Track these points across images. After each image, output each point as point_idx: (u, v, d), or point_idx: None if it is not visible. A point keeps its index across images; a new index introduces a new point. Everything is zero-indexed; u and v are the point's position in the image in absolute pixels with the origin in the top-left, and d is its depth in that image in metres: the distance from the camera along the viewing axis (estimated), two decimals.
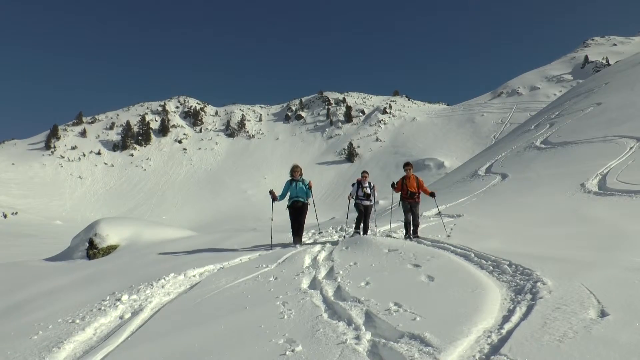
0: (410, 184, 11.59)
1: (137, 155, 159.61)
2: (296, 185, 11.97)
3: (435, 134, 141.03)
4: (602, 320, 4.32)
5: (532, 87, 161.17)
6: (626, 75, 37.97)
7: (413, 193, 11.54)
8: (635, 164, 15.37)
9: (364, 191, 12.42)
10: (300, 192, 11.98)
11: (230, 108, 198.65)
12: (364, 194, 12.43)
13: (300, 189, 11.97)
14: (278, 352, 4.54)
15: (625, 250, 6.71)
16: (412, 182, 11.62)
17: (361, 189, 12.45)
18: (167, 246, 14.25)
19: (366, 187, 12.47)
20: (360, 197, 12.48)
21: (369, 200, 12.51)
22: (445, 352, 4.08)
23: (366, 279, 7.34)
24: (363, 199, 12.47)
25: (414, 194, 11.54)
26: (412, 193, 11.54)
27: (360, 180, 12.56)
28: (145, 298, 7.63)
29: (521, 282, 6.01)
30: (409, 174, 11.75)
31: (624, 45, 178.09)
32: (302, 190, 12.00)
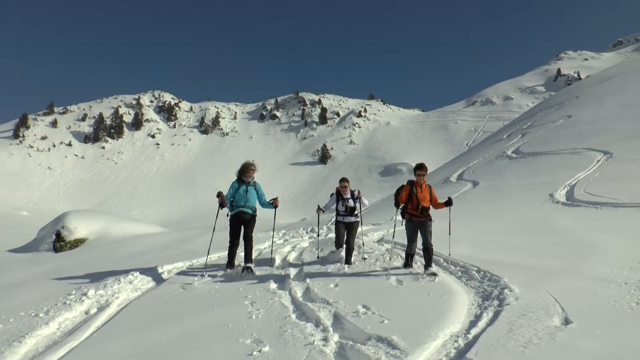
0: (422, 196, 7.97)
1: (109, 148, 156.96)
2: (246, 189, 8.88)
3: (408, 139, 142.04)
4: (565, 327, 4.40)
5: (505, 97, 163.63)
6: (596, 90, 38.85)
7: (425, 209, 7.96)
8: (602, 176, 15.73)
9: (345, 205, 9.29)
10: (251, 200, 8.90)
11: (205, 104, 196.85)
12: (346, 209, 9.29)
13: (251, 195, 8.91)
14: (245, 352, 4.51)
15: (590, 260, 6.86)
16: (425, 193, 8.02)
17: (342, 202, 9.34)
18: (137, 242, 14.06)
19: (348, 198, 9.35)
20: (342, 212, 9.34)
21: (353, 215, 9.35)
22: (412, 356, 4.11)
23: (335, 281, 7.35)
24: (345, 215, 9.33)
25: (426, 209, 7.96)
26: (425, 209, 7.94)
27: (340, 190, 9.47)
28: (112, 293, 7.50)
29: (489, 288, 6.09)
30: (420, 181, 8.05)
31: (595, 61, 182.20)
32: (252, 198, 8.95)
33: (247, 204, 8.85)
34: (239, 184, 8.98)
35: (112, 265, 10.34)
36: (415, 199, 7.99)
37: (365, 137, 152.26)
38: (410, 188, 8.10)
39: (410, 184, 8.17)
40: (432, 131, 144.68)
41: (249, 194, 8.89)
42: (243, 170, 9.00)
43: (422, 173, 8.06)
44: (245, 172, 8.96)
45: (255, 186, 9.08)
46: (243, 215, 8.86)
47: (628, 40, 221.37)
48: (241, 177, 8.98)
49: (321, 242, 11.66)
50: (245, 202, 8.84)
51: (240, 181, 9.00)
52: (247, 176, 8.96)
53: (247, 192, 8.88)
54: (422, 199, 7.97)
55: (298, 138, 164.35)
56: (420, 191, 8.01)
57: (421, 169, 8.11)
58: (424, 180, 8.16)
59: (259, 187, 9.15)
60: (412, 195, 8.03)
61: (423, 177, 8.06)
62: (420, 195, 7.99)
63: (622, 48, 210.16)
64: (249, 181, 8.99)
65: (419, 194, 7.99)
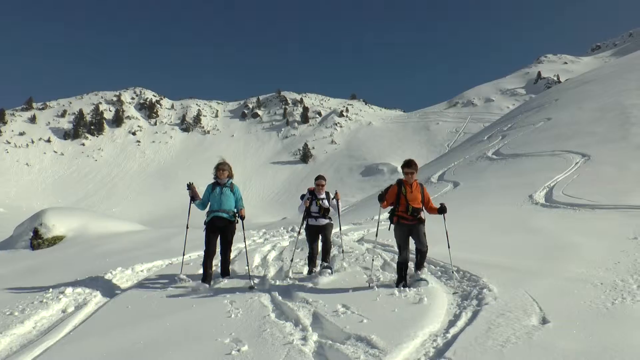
0: (412, 196, 7.09)
1: (89, 145, 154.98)
2: (221, 191, 7.98)
3: (390, 139, 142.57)
4: (543, 327, 4.45)
5: (486, 99, 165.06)
6: (575, 93, 39.38)
7: (417, 210, 7.06)
8: (580, 178, 15.94)
9: (319, 205, 8.31)
10: (226, 204, 7.95)
11: (186, 102, 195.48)
12: (320, 210, 8.30)
13: (226, 198, 7.98)
14: (224, 351, 4.47)
15: (567, 261, 6.94)
16: (416, 193, 7.15)
17: (316, 202, 8.33)
18: (116, 239, 13.92)
19: (323, 198, 8.39)
20: (314, 214, 8.30)
21: (325, 217, 8.37)
22: (391, 355, 4.11)
23: (315, 280, 7.35)
24: (318, 216, 8.29)
25: (417, 211, 7.07)
26: (415, 210, 7.04)
27: (314, 190, 8.47)
28: (90, 292, 7.42)
29: (468, 288, 6.14)
30: (409, 179, 7.15)
31: (574, 65, 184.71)
32: (228, 201, 7.98)
33: (221, 208, 7.90)
34: (214, 186, 8.11)
35: (91, 263, 10.22)
36: (404, 199, 7.09)
37: (346, 137, 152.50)
38: (399, 187, 7.19)
39: (398, 183, 7.26)
40: (413, 132, 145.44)
41: (223, 196, 7.96)
42: (216, 170, 8.15)
43: (411, 171, 7.15)
44: (218, 172, 8.09)
45: (232, 188, 8.13)
46: (218, 220, 7.90)
47: (606, 45, 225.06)
48: (215, 177, 8.14)
49: (301, 241, 11.65)
50: (220, 206, 7.91)
51: (215, 183, 8.13)
52: (220, 175, 8.06)
53: (221, 195, 7.97)
54: (413, 199, 7.07)
55: (279, 137, 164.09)
56: (410, 191, 7.12)
57: (409, 166, 7.17)
58: (414, 179, 7.25)
59: (236, 190, 8.18)
60: (400, 196, 7.12)
61: (412, 175, 7.17)
62: (410, 196, 7.09)
63: (600, 52, 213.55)
64: (223, 182, 8.07)
65: (409, 194, 7.10)
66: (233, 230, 8.12)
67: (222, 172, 8.05)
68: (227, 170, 8.12)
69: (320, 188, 8.47)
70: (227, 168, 8.13)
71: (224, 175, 8.07)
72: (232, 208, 8.03)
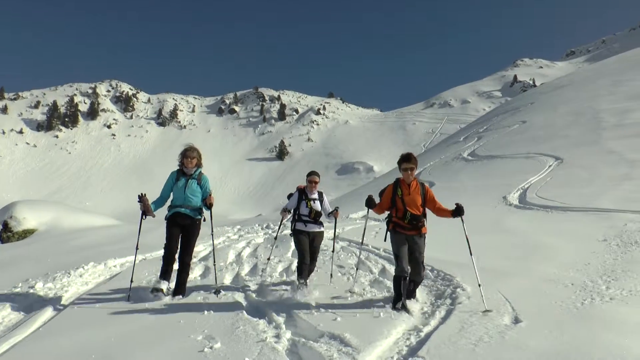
0: (409, 199, 5.80)
1: (63, 137, 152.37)
2: (186, 183, 6.71)
3: (366, 138, 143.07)
4: (515, 326, 4.50)
5: (463, 101, 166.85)
6: (550, 97, 39.99)
7: (416, 217, 5.78)
8: (554, 181, 16.17)
9: (311, 207, 7.04)
10: (191, 198, 6.70)
11: (163, 96, 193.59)
12: (311, 212, 7.02)
13: (192, 192, 6.71)
14: (196, 348, 4.43)
15: (539, 261, 7.03)
16: (415, 195, 5.84)
17: (306, 203, 7.07)
18: (89, 234, 13.72)
19: (315, 199, 7.13)
20: (305, 217, 7.03)
21: (318, 223, 7.08)
22: (364, 353, 4.11)
23: (290, 277, 7.34)
24: (309, 221, 7.01)
25: (417, 218, 5.78)
26: (415, 217, 5.77)
27: (306, 189, 7.23)
28: (62, 287, 7.28)
29: (442, 287, 6.19)
30: (408, 177, 5.88)
31: (549, 69, 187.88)
32: (194, 195, 6.73)
33: (185, 203, 6.66)
34: (178, 175, 6.81)
35: (62, 258, 10.06)
36: (400, 203, 5.78)
37: (323, 135, 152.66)
38: (394, 189, 5.90)
39: (394, 183, 5.97)
40: (390, 131, 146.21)
41: (189, 190, 6.67)
42: (182, 157, 6.81)
43: (410, 166, 5.82)
44: (184, 160, 6.77)
45: (201, 180, 6.82)
46: (180, 218, 6.67)
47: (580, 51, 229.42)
48: (181, 166, 6.85)
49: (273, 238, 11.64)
50: (183, 200, 6.66)
51: (180, 172, 6.84)
52: (186, 166, 6.75)
53: (186, 188, 6.67)
54: (410, 203, 5.76)
55: (256, 133, 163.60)
56: (408, 192, 5.80)
57: (408, 160, 5.86)
58: (414, 177, 5.94)
59: (205, 182, 6.86)
60: (395, 199, 5.84)
61: (412, 172, 5.84)
62: (408, 199, 5.77)
63: (574, 58, 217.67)
64: (190, 173, 6.78)
65: (405, 196, 5.79)
66: (197, 228, 6.80)
67: (190, 160, 6.74)
68: (195, 158, 6.80)
69: (313, 186, 7.18)
70: (196, 155, 6.81)
71: (191, 164, 6.75)
72: (198, 204, 6.76)
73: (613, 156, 18.01)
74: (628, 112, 25.54)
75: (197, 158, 6.84)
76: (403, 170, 5.89)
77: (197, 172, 6.85)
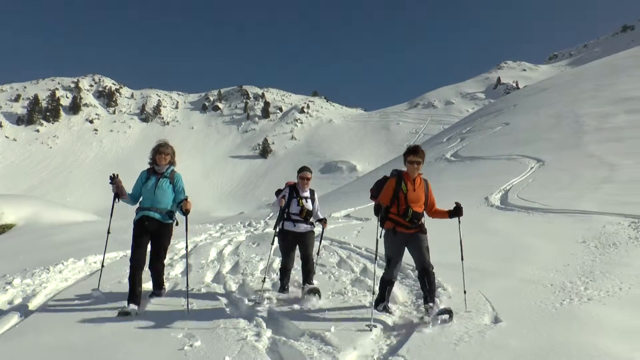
0: (414, 196, 5.38)
1: (44, 131, 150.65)
2: (157, 182, 6.02)
3: (350, 137, 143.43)
4: (495, 326, 4.53)
5: (447, 102, 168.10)
6: (532, 100, 40.42)
7: (418, 215, 5.40)
8: (535, 182, 16.35)
9: (302, 205, 6.46)
10: (161, 200, 6.00)
11: (146, 92, 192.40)
12: (302, 211, 6.45)
13: (163, 192, 6.01)
14: (176, 346, 4.39)
15: (520, 262, 7.09)
16: (419, 192, 5.42)
17: (297, 201, 6.47)
18: (69, 229, 13.57)
19: (307, 197, 6.57)
20: (294, 216, 6.44)
21: (307, 222, 6.51)
22: (345, 352, 4.11)
23: (272, 276, 7.32)
24: (298, 221, 6.44)
25: (418, 216, 5.41)
26: (417, 215, 5.38)
27: (297, 185, 6.65)
28: (40, 283, 7.19)
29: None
30: (413, 172, 5.42)
31: (532, 72, 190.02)
32: (165, 196, 6.03)
33: (155, 206, 5.94)
34: (149, 174, 6.12)
35: (42, 253, 9.93)
36: (403, 199, 5.32)
37: (307, 134, 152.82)
38: (397, 182, 5.40)
39: (397, 175, 5.49)
40: (373, 131, 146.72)
41: (159, 190, 5.96)
42: (154, 153, 6.14)
43: (417, 160, 5.35)
44: (157, 156, 6.10)
45: (173, 179, 6.11)
46: (149, 223, 5.95)
47: (562, 55, 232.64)
48: (152, 163, 6.17)
49: (258, 236, 11.61)
50: (152, 202, 5.95)
51: (151, 170, 6.15)
52: (158, 162, 6.09)
53: (156, 188, 5.97)
54: (414, 200, 5.34)
55: (239, 131, 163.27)
56: (413, 189, 5.36)
57: (415, 153, 5.37)
58: (420, 173, 5.48)
59: (178, 181, 6.14)
60: (398, 194, 5.35)
61: (418, 167, 5.38)
62: (412, 195, 5.34)
63: (557, 61, 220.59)
64: (162, 171, 6.09)
65: (410, 192, 5.34)
66: (169, 233, 6.12)
67: (163, 157, 6.08)
68: (169, 155, 6.16)
69: (305, 182, 6.61)
70: (169, 152, 6.16)
71: (164, 161, 6.10)
72: (168, 206, 6.03)
73: (593, 159, 18.27)
74: (608, 116, 25.92)
75: (170, 155, 6.19)
76: (409, 164, 5.39)
77: (169, 170, 6.15)
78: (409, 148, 5.49)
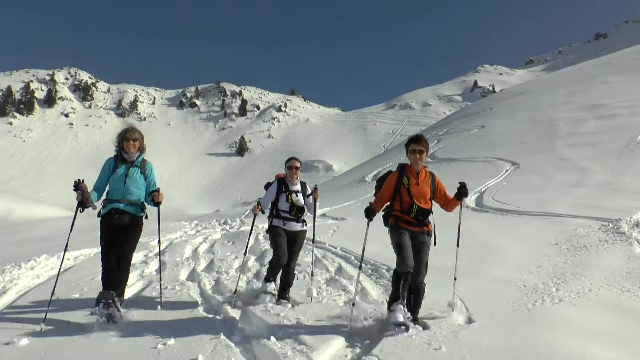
0: (418, 190, 4.90)
1: (17, 124, 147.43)
2: (128, 172, 5.43)
3: (327, 137, 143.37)
4: (468, 326, 4.58)
5: (424, 103, 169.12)
6: (508, 103, 40.92)
7: (423, 211, 4.93)
8: (509, 185, 16.56)
9: (291, 200, 5.96)
10: (133, 191, 5.42)
11: (123, 87, 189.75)
12: (292, 207, 5.96)
13: (134, 182, 5.43)
14: (149, 344, 4.34)
15: (494, 263, 7.18)
16: (424, 186, 4.94)
17: (286, 196, 5.96)
18: (42, 225, 13.34)
19: (298, 191, 6.06)
20: (284, 213, 5.96)
21: (299, 221, 6.06)
22: (318, 351, 4.11)
23: (247, 275, 7.29)
24: (289, 218, 5.97)
25: (424, 213, 4.94)
26: (422, 211, 4.92)
27: (285, 177, 6.13)
28: (11, 279, 7.04)
29: None
30: (417, 164, 4.95)
31: (509, 76, 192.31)
32: (137, 187, 5.45)
33: (126, 197, 5.34)
34: (116, 161, 5.48)
35: (13, 250, 9.74)
36: (406, 194, 4.81)
37: (284, 132, 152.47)
38: (399, 177, 4.89)
39: (400, 169, 4.98)
40: (350, 131, 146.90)
41: (130, 180, 5.38)
42: (121, 139, 5.50)
43: (420, 149, 4.86)
44: (124, 143, 5.45)
45: (144, 168, 5.53)
46: (118, 216, 5.31)
47: (538, 60, 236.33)
48: (120, 151, 5.52)
49: (233, 235, 11.57)
50: (123, 193, 5.34)
51: (119, 158, 5.50)
52: (127, 150, 5.45)
53: (126, 178, 5.37)
54: (419, 195, 4.82)
55: (216, 128, 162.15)
56: (416, 182, 4.85)
57: (417, 141, 4.90)
58: (424, 165, 5.00)
59: (149, 171, 5.57)
60: (400, 189, 4.84)
61: (422, 157, 4.89)
62: (416, 189, 4.82)
63: (533, 66, 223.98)
64: (132, 159, 5.48)
65: (413, 186, 4.82)
66: (139, 229, 5.50)
67: (132, 144, 5.42)
68: (138, 141, 5.48)
69: (294, 173, 6.03)
70: (138, 137, 5.49)
71: (134, 148, 5.45)
72: (140, 198, 5.47)
73: (566, 163, 18.59)
74: (581, 121, 26.39)
75: (139, 140, 5.50)
76: (410, 154, 4.88)
77: (140, 159, 5.54)
78: (410, 137, 5.05)
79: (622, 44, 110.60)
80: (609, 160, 17.58)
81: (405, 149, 5.00)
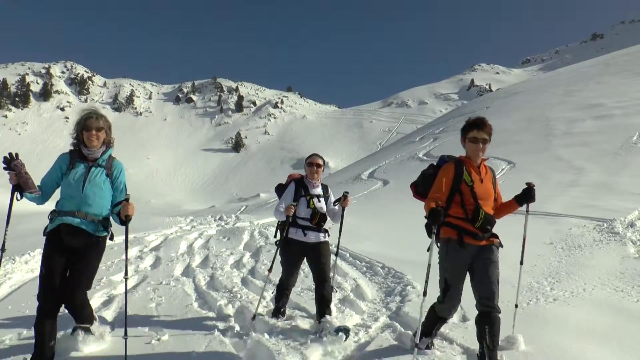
0: (483, 190, 3.77)
1: (12, 117, 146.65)
2: (88, 174, 3.87)
3: (323, 134, 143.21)
4: (463, 324, 4.59)
5: (420, 101, 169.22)
6: (505, 103, 40.93)
7: (490, 219, 3.76)
8: (505, 184, 16.57)
9: (312, 205, 4.88)
10: (93, 200, 3.86)
11: (119, 81, 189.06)
12: (313, 215, 4.85)
13: (96, 188, 3.88)
14: (144, 340, 4.33)
15: None
16: (488, 185, 3.83)
17: (307, 201, 4.88)
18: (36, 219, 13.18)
19: (318, 194, 4.99)
20: (302, 221, 4.85)
21: (320, 230, 4.90)
22: (312, 348, 4.10)
23: (242, 270, 7.28)
24: (308, 227, 4.85)
25: (490, 221, 3.79)
26: (488, 219, 3.74)
27: (305, 179, 5.05)
28: (5, 274, 6.99)
29: (392, 284, 6.24)
30: (476, 156, 3.83)
31: (505, 75, 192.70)
32: (99, 195, 3.89)
33: (82, 209, 3.84)
34: (72, 158, 3.96)
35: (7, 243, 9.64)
36: (470, 196, 3.72)
37: (280, 129, 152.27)
38: (457, 172, 3.77)
39: (456, 163, 3.87)
40: (346, 128, 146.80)
41: (90, 185, 3.88)
42: (81, 127, 3.90)
43: (484, 137, 3.80)
44: (85, 133, 3.87)
45: (112, 169, 4.03)
46: (70, 234, 3.83)
47: (535, 60, 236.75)
48: (80, 145, 3.97)
49: (228, 231, 11.55)
50: (78, 204, 3.85)
51: (77, 154, 3.97)
52: (89, 144, 3.90)
53: (85, 181, 3.86)
54: (484, 196, 3.77)
55: (213, 124, 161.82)
56: (480, 179, 3.79)
57: (481, 126, 3.79)
58: (484, 158, 3.93)
59: (119, 173, 4.06)
60: (461, 188, 3.74)
61: (485, 149, 3.83)
62: (481, 189, 3.77)
63: (529, 66, 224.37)
64: (95, 156, 3.96)
65: (477, 185, 3.76)
66: (99, 252, 4.00)
67: (94, 135, 3.88)
68: (103, 130, 3.94)
69: (315, 171, 4.94)
70: (103, 126, 3.93)
71: (97, 141, 3.91)
72: (102, 211, 3.96)
73: (561, 163, 18.62)
74: (577, 121, 26.42)
75: (105, 130, 3.96)
76: (471, 142, 3.79)
77: (106, 156, 4.04)
78: (469, 121, 3.85)
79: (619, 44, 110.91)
80: (605, 161, 17.61)
81: (462, 137, 3.91)
